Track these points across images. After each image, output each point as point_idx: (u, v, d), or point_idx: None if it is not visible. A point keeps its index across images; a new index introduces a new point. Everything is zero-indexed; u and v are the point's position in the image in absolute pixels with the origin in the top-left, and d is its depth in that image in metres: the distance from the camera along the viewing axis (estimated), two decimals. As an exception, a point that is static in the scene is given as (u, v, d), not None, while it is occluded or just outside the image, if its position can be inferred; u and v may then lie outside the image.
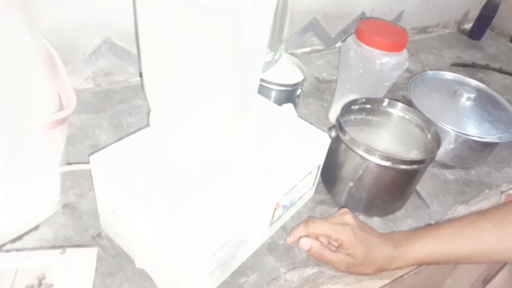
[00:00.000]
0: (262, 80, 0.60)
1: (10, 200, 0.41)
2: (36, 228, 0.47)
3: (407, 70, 0.94)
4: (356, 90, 0.67)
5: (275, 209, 0.46)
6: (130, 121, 0.65)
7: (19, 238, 0.46)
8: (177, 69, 0.30)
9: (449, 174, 0.68)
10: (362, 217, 0.57)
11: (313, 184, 0.53)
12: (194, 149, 0.34)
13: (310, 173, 0.50)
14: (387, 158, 0.50)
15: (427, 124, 0.57)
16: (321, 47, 0.93)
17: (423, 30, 1.12)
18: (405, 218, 0.58)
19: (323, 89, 0.83)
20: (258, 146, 0.46)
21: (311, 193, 0.55)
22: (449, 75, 0.75)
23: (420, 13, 1.05)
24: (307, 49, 0.92)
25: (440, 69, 0.79)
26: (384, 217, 0.57)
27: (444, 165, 0.68)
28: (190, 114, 0.32)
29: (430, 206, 0.60)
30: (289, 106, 0.55)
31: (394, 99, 0.61)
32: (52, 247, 0.43)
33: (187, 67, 0.30)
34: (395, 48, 0.61)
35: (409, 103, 0.67)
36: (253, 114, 0.37)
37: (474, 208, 0.63)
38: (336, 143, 0.55)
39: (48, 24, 0.58)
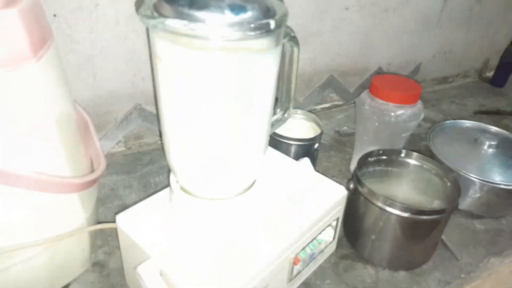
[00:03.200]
0: (280, 136, 0.63)
1: (42, 258, 0.43)
2: (66, 286, 0.50)
3: (429, 120, 0.95)
4: (374, 142, 0.68)
5: (294, 264, 0.46)
6: (158, 180, 0.69)
7: (50, 296, 0.48)
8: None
9: (478, 224, 0.66)
10: (387, 271, 0.56)
11: (334, 238, 0.53)
12: (199, 151, 0.36)
13: (329, 226, 0.50)
14: (406, 209, 0.50)
15: (446, 172, 0.57)
16: (340, 102, 0.96)
17: (443, 80, 1.13)
18: (432, 271, 0.56)
19: (344, 142, 0.85)
20: (275, 200, 0.48)
21: (332, 247, 0.55)
22: (468, 123, 0.75)
23: (438, 64, 1.08)
24: (327, 105, 0.96)
25: (463, 118, 0.79)
26: (410, 270, 0.56)
27: (473, 215, 0.67)
28: (194, 116, 0.34)
29: (459, 258, 0.58)
30: (306, 160, 0.57)
31: (415, 150, 0.61)
32: (80, 304, 0.45)
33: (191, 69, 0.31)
34: (409, 100, 0.63)
35: (430, 154, 0.67)
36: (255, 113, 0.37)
37: (509, 260, 0.60)
38: (355, 195, 0.56)
39: (84, 93, 0.64)
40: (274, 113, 0.43)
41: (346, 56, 0.89)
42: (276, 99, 0.44)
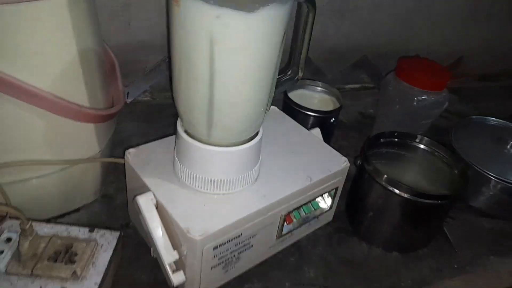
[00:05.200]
0: (298, 105, 0.64)
1: (56, 178, 0.48)
2: (77, 210, 0.54)
3: (463, 116, 0.92)
4: (394, 126, 0.67)
5: (286, 222, 0.48)
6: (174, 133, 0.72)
7: (61, 216, 0.53)
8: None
9: (486, 223, 0.64)
10: (380, 250, 0.56)
11: (331, 208, 0.54)
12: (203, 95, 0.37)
13: (326, 193, 0.51)
14: (407, 190, 0.50)
15: (456, 162, 0.56)
16: (371, 85, 0.95)
17: (486, 77, 1.08)
18: (427, 257, 0.56)
19: (366, 124, 0.84)
20: (277, 158, 0.49)
21: (329, 217, 0.56)
22: (495, 121, 0.73)
23: (482, 59, 1.03)
24: (357, 86, 0.94)
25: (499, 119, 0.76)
26: (404, 253, 0.56)
27: (483, 213, 0.65)
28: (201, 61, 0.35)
29: (457, 250, 0.58)
30: (317, 130, 0.57)
31: (439, 141, 0.60)
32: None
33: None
34: (434, 86, 0.62)
35: (452, 147, 0.66)
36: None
37: (509, 260, 0.59)
38: (360, 173, 0.56)
39: (118, 39, 0.67)
40: (284, 74, 0.44)
41: (383, 38, 0.88)
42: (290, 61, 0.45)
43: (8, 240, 0.43)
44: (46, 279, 0.41)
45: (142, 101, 0.77)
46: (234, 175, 0.42)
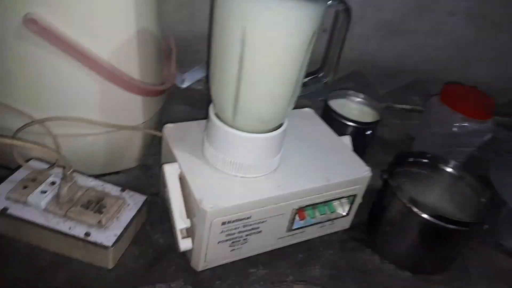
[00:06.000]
0: (336, 113, 0.65)
1: (102, 139, 0.54)
2: (117, 173, 0.60)
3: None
4: (431, 149, 0.67)
5: (299, 217, 0.50)
6: (220, 122, 0.77)
7: (103, 175, 0.59)
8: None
9: (513, 263, 0.61)
10: (392, 266, 0.56)
11: (348, 214, 0.55)
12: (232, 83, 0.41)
13: (345, 199, 0.53)
14: (427, 210, 0.50)
15: (484, 190, 0.55)
16: (421, 108, 0.93)
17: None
18: (439, 284, 0.55)
19: (408, 144, 0.83)
20: (300, 154, 0.52)
21: (345, 223, 0.57)
22: (542, 162, 0.69)
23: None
24: (408, 107, 0.94)
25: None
26: (416, 274, 0.56)
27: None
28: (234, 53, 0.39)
29: (474, 284, 0.56)
30: (347, 138, 0.59)
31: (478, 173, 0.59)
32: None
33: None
34: (477, 115, 0.61)
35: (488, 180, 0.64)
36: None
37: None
38: (385, 187, 0.57)
39: (181, 29, 0.74)
40: (315, 76, 0.47)
41: (439, 65, 0.86)
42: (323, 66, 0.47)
43: (53, 183, 0.49)
44: (76, 222, 0.47)
45: (195, 88, 0.83)
46: (252, 161, 0.45)
